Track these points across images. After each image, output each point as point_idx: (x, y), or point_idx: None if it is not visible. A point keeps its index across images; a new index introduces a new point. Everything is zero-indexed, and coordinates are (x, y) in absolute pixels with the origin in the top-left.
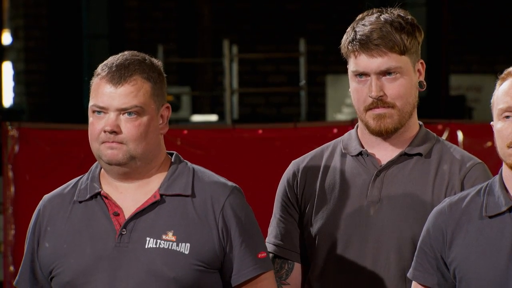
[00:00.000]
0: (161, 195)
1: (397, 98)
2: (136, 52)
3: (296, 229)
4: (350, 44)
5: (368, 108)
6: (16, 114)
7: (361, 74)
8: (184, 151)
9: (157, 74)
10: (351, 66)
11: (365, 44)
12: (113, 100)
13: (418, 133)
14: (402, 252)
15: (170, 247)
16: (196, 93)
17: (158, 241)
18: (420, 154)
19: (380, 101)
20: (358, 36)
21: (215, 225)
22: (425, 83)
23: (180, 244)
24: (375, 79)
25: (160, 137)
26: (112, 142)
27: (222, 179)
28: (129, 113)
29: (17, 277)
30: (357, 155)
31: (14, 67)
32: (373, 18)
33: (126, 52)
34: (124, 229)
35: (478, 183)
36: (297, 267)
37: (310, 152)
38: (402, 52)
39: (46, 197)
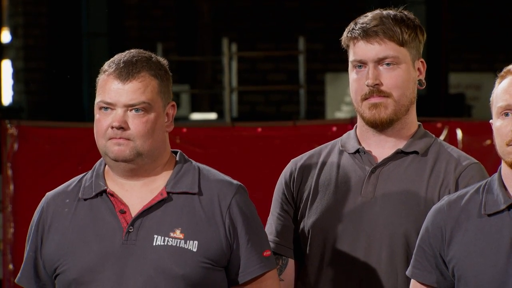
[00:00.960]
0: (168, 193)
1: (394, 88)
2: (142, 50)
3: (292, 226)
4: (350, 32)
5: (364, 98)
6: (15, 112)
7: (359, 65)
8: (183, 149)
9: (163, 71)
10: (350, 56)
11: (364, 31)
12: (121, 96)
13: (416, 132)
14: (394, 248)
15: (178, 245)
16: (195, 91)
17: (166, 238)
18: (416, 152)
19: (376, 90)
20: (358, 25)
21: (222, 223)
22: (424, 82)
23: (188, 241)
24: (372, 68)
25: (166, 135)
26: (120, 138)
27: (227, 178)
28: (137, 110)
29: (19, 275)
30: (355, 152)
31: (13, 65)
32: (375, 12)
33: (132, 50)
34: (131, 227)
35: (473, 183)
36: (291, 263)
37: (309, 151)
38: (401, 43)
39: (49, 194)
